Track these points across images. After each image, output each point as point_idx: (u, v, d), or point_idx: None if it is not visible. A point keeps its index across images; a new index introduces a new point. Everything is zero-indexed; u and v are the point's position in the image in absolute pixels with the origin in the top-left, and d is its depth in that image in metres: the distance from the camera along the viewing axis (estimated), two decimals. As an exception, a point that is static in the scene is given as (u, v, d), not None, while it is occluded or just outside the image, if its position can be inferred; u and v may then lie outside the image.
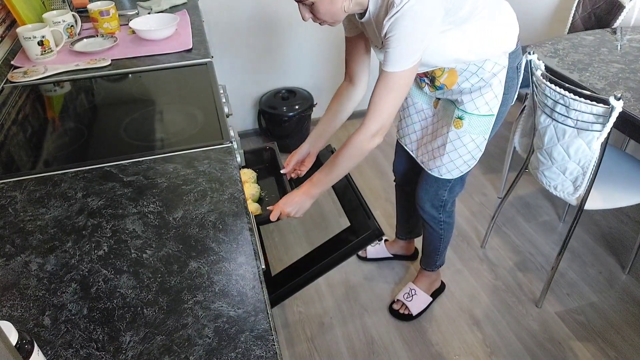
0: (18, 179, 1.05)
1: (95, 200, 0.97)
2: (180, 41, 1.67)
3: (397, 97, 1.14)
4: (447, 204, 1.56)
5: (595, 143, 1.44)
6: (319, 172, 1.26)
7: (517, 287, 1.91)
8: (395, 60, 1.08)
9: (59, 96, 1.42)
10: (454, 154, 1.40)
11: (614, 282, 1.91)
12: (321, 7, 1.08)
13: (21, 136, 1.22)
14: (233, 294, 0.77)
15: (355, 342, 1.73)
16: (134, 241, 0.87)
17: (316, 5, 1.07)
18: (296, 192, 1.26)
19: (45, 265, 0.83)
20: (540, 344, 1.69)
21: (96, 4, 1.74)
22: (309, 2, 1.07)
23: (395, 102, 1.15)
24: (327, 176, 1.25)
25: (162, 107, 1.33)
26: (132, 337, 0.71)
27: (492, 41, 1.25)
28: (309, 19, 1.13)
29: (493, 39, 1.26)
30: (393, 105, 1.15)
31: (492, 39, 1.25)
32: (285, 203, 1.25)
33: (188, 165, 1.06)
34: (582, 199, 1.59)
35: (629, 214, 2.24)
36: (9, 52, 1.62)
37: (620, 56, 1.81)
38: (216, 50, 2.54)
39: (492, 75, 1.29)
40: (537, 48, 1.91)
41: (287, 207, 1.24)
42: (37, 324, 0.73)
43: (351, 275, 1.98)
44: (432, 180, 1.50)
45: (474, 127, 1.36)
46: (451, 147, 1.40)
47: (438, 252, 1.73)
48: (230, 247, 0.85)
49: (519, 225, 2.20)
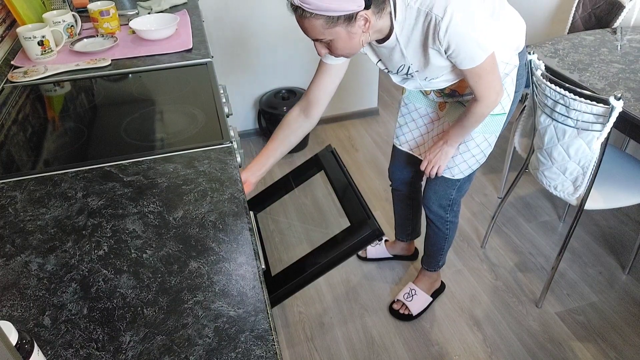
0: (18, 179, 1.05)
1: (95, 200, 0.97)
2: (180, 41, 1.67)
3: (492, 75, 1.17)
4: (454, 203, 1.57)
5: (596, 143, 1.44)
6: (453, 131, 1.37)
7: (518, 287, 1.91)
8: (471, 58, 1.11)
9: (59, 96, 1.42)
10: (467, 154, 1.42)
11: (614, 282, 1.91)
12: (339, 44, 1.06)
13: (21, 136, 1.21)
14: (233, 294, 0.77)
15: (355, 342, 1.73)
16: (134, 241, 0.87)
17: (334, 42, 1.05)
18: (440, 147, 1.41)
19: (45, 265, 0.83)
20: (541, 344, 1.69)
21: (96, 4, 1.74)
22: (326, 40, 1.05)
23: (494, 77, 1.18)
24: (460, 136, 1.37)
25: (162, 107, 1.33)
26: (132, 337, 0.71)
27: (503, 43, 1.26)
28: (325, 54, 1.12)
29: (504, 40, 1.26)
30: (494, 80, 1.19)
31: (504, 40, 1.26)
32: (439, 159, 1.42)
33: (188, 165, 1.06)
34: (582, 199, 1.59)
35: (629, 214, 2.24)
36: (9, 52, 1.62)
37: (620, 56, 1.81)
38: (216, 50, 2.54)
39: (504, 76, 1.30)
40: (537, 48, 1.91)
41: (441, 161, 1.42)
42: (37, 324, 0.73)
43: (351, 275, 1.98)
44: (441, 180, 1.51)
45: (488, 127, 1.37)
46: (464, 148, 1.41)
47: (442, 252, 1.73)
48: (230, 247, 0.85)
49: (519, 226, 2.20)
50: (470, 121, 1.29)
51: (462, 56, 1.10)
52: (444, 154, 1.41)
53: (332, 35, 1.03)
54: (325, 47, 1.09)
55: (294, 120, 1.33)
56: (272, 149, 1.34)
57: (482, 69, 1.13)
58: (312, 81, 1.30)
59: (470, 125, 1.31)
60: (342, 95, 2.94)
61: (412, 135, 1.59)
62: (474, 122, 1.29)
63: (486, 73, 1.15)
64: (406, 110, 1.57)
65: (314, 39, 1.06)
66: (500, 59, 1.27)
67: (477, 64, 1.11)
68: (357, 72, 2.86)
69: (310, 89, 1.30)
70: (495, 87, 1.19)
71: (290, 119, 1.33)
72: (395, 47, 1.16)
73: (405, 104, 1.57)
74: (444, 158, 1.42)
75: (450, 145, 1.40)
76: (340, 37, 1.03)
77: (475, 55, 1.10)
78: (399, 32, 1.11)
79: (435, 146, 1.44)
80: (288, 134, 1.34)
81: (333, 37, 1.04)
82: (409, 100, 1.55)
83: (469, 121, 1.29)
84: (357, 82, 2.91)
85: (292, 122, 1.33)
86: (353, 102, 2.98)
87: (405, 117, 1.58)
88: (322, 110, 1.32)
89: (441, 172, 1.45)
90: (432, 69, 1.19)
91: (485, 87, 1.18)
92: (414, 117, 1.56)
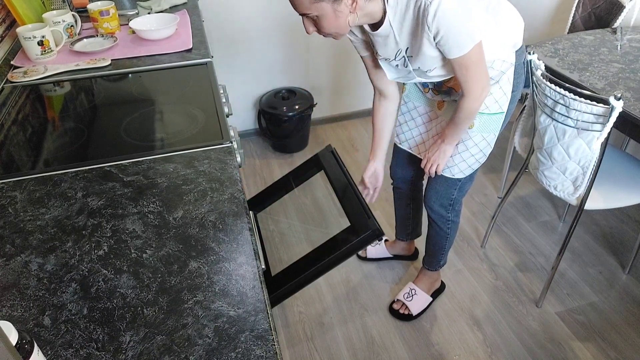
0: (18, 179, 1.05)
1: (95, 200, 0.97)
2: (180, 41, 1.67)
3: (478, 67, 1.18)
4: (456, 203, 1.57)
5: (595, 143, 1.44)
6: (447, 130, 1.38)
7: (518, 287, 1.91)
8: (458, 46, 1.11)
9: (59, 96, 1.42)
10: (465, 153, 1.42)
11: (614, 282, 1.91)
12: (325, 22, 1.07)
13: (21, 136, 1.21)
14: (233, 294, 0.77)
15: (355, 342, 1.73)
16: (134, 241, 0.87)
17: (320, 19, 1.07)
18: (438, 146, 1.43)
19: (45, 265, 0.83)
20: (541, 344, 1.69)
21: (96, 4, 1.74)
22: (312, 15, 1.06)
23: (480, 70, 1.19)
24: (454, 134, 1.38)
25: (162, 107, 1.32)
26: (132, 337, 0.71)
27: (500, 40, 1.26)
28: (312, 32, 1.13)
29: (501, 37, 1.26)
30: (480, 73, 1.19)
31: (501, 37, 1.26)
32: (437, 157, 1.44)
33: (188, 165, 1.06)
34: (582, 198, 1.59)
35: (629, 213, 2.23)
36: (9, 52, 1.62)
37: (620, 56, 1.80)
38: (216, 50, 2.54)
39: (500, 74, 1.30)
40: (537, 48, 1.91)
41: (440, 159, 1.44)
42: (37, 324, 0.73)
43: (351, 275, 1.98)
44: (442, 179, 1.51)
45: (485, 126, 1.37)
46: (463, 147, 1.41)
47: (443, 252, 1.73)
48: (230, 247, 0.85)
49: (519, 225, 2.20)
50: (461, 117, 1.29)
51: (450, 44, 1.10)
52: (442, 153, 1.42)
53: (319, 11, 1.04)
54: (312, 25, 1.11)
55: (382, 106, 1.48)
56: (379, 137, 1.54)
57: (469, 58, 1.14)
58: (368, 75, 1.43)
59: (462, 122, 1.31)
60: (342, 95, 2.94)
61: (412, 133, 1.59)
62: (465, 118, 1.30)
63: (473, 64, 1.16)
64: (405, 109, 1.58)
65: (301, 13, 1.08)
66: (497, 57, 1.27)
67: (464, 52, 1.12)
68: (357, 71, 2.86)
69: (370, 78, 1.43)
70: (481, 81, 1.20)
71: (378, 107, 1.49)
72: (390, 34, 1.17)
73: (405, 102, 1.57)
74: (443, 157, 1.43)
75: (447, 143, 1.40)
76: (326, 14, 1.05)
77: (463, 43, 1.10)
78: (392, 17, 1.12)
79: (434, 145, 1.44)
80: (383, 118, 1.50)
81: (319, 13, 1.05)
82: (408, 98, 1.56)
83: (460, 117, 1.30)
84: (357, 82, 2.91)
85: (380, 109, 1.49)
86: (353, 102, 2.98)
87: (405, 116, 1.59)
88: (394, 88, 1.45)
89: (440, 171, 1.46)
90: (425, 58, 1.19)
91: (472, 79, 1.19)
92: (413, 115, 1.56)
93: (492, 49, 1.24)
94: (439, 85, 1.39)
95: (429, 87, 1.45)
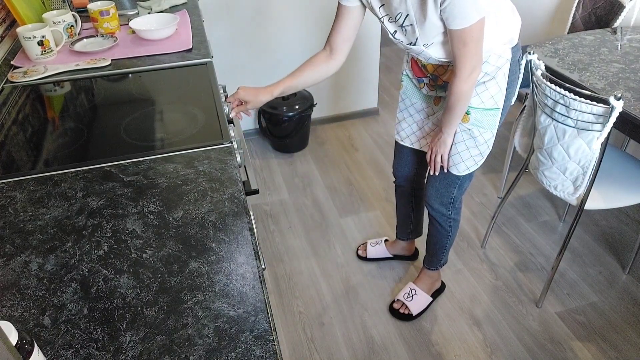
0: (18, 179, 1.05)
1: (95, 200, 0.97)
2: (180, 41, 1.67)
3: (476, 46, 1.17)
4: (456, 200, 1.58)
5: (596, 143, 1.44)
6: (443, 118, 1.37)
7: (518, 287, 1.91)
8: (463, 16, 1.11)
9: (59, 96, 1.42)
10: (461, 145, 1.42)
11: (614, 282, 1.91)
12: None
13: (21, 136, 1.21)
14: (233, 294, 0.77)
15: (355, 342, 1.73)
16: (134, 241, 0.87)
17: None
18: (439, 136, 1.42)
19: (45, 265, 0.83)
20: (541, 344, 1.69)
21: (96, 3, 1.74)
22: None
23: (477, 49, 1.18)
24: (450, 121, 1.36)
25: (162, 107, 1.32)
26: (132, 337, 0.71)
27: (497, 34, 1.26)
28: None
29: (498, 32, 1.26)
30: (476, 52, 1.18)
31: (497, 32, 1.26)
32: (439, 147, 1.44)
33: (188, 165, 1.06)
34: (582, 199, 1.59)
35: (629, 213, 2.24)
36: (9, 52, 1.62)
37: (620, 56, 1.81)
38: (216, 50, 2.54)
39: (496, 69, 1.31)
40: (537, 48, 1.91)
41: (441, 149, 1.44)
42: (37, 324, 0.73)
43: (351, 275, 1.98)
44: (441, 177, 1.51)
45: (481, 121, 1.37)
46: (460, 141, 1.41)
47: (444, 251, 1.73)
48: (230, 247, 0.85)
49: (519, 225, 2.20)
50: (452, 100, 1.29)
51: (456, 12, 1.10)
52: (442, 143, 1.43)
53: None
54: None
55: (324, 62, 1.40)
56: (293, 78, 1.41)
57: (469, 33, 1.14)
58: (332, 27, 1.37)
59: (454, 106, 1.31)
60: (342, 95, 2.94)
61: (412, 129, 1.60)
62: (456, 102, 1.29)
63: (472, 40, 1.16)
64: (404, 106, 1.59)
65: None
66: (493, 51, 1.28)
67: (468, 24, 1.12)
68: (357, 71, 2.86)
69: (331, 34, 1.37)
70: (473, 59, 1.20)
71: (320, 60, 1.40)
72: None
73: (402, 99, 1.58)
74: (443, 146, 1.44)
75: (445, 133, 1.41)
76: None
77: (468, 13, 1.10)
78: None
79: (435, 137, 1.45)
80: (317, 71, 1.40)
81: None
82: (405, 95, 1.57)
83: (451, 101, 1.30)
84: (357, 82, 2.91)
85: (321, 63, 1.40)
86: (353, 102, 2.98)
87: (404, 113, 1.60)
88: (343, 57, 1.39)
89: (445, 160, 1.46)
90: (427, 27, 1.19)
91: (466, 56, 1.19)
92: (411, 112, 1.58)
93: (488, 41, 1.24)
94: (434, 80, 1.39)
95: (424, 82, 1.45)
